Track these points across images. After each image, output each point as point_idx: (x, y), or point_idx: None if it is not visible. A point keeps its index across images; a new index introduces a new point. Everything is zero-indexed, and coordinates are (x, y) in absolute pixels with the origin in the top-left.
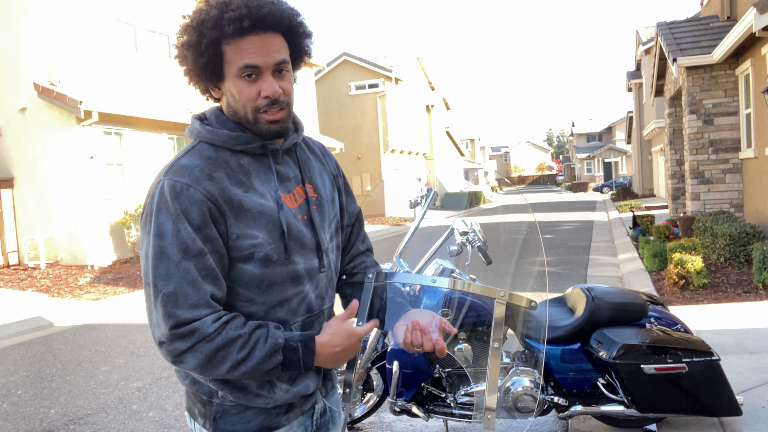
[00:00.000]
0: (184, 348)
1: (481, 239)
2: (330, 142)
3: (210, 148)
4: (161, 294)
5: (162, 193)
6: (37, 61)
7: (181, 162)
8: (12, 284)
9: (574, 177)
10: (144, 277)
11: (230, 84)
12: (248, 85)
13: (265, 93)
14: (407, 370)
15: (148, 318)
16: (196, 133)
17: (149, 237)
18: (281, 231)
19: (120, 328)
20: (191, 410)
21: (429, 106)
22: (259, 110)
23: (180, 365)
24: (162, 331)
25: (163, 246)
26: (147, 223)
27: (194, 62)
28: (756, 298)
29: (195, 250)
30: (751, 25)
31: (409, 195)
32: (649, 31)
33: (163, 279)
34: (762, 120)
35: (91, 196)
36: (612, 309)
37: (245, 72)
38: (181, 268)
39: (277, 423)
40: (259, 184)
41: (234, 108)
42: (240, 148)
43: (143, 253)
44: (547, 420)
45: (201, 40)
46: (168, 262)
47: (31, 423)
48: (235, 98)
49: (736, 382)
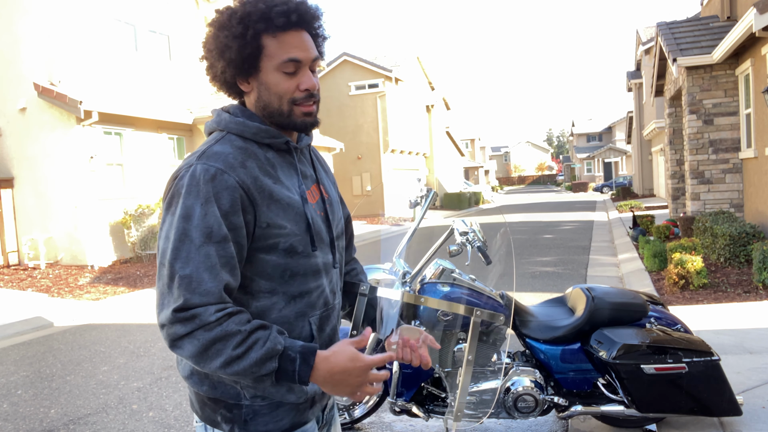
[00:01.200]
0: (183, 333)
1: (481, 239)
2: (330, 142)
3: (239, 139)
4: (177, 276)
5: (194, 175)
6: (37, 61)
7: (214, 149)
8: (12, 284)
9: (574, 177)
10: (160, 257)
11: (267, 77)
12: (287, 79)
13: (304, 86)
14: (407, 370)
15: (157, 299)
16: (224, 125)
17: (173, 218)
18: (307, 223)
19: (120, 328)
20: (211, 418)
21: (429, 106)
22: (296, 102)
23: (177, 351)
24: (166, 314)
25: (188, 228)
26: (172, 203)
27: (238, 53)
28: (756, 298)
29: (219, 236)
30: (751, 25)
31: (409, 195)
32: (649, 31)
33: (182, 261)
34: (762, 120)
35: (91, 196)
36: (612, 309)
37: (288, 66)
38: (201, 253)
39: (305, 418)
40: (284, 178)
41: (267, 101)
42: (267, 141)
43: (163, 233)
44: (547, 420)
45: (246, 32)
46: (190, 245)
47: (31, 423)
48: (270, 91)
49: (736, 382)
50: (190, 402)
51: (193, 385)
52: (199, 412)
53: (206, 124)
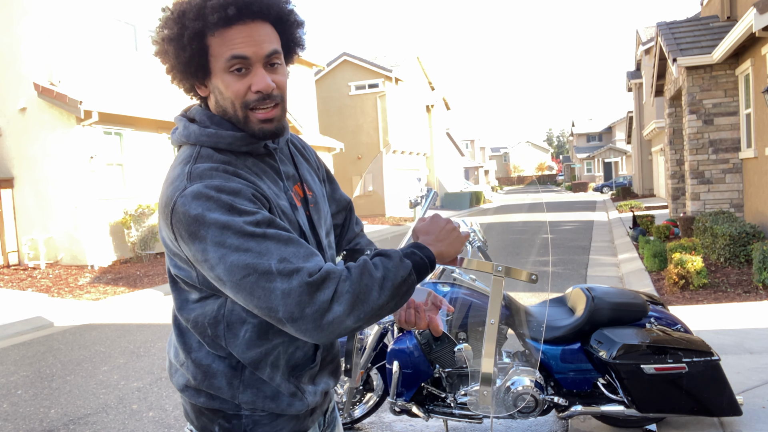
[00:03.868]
0: (329, 296)
1: (481, 239)
2: (330, 142)
3: (215, 152)
4: (268, 267)
5: (198, 197)
6: (37, 61)
7: (199, 168)
8: (12, 284)
9: (574, 177)
10: (229, 277)
11: (217, 80)
12: (237, 80)
13: (256, 87)
14: (407, 370)
15: (265, 308)
16: (194, 138)
17: (210, 244)
18: (300, 230)
19: (120, 328)
20: (207, 428)
21: (429, 106)
22: (249, 107)
23: (329, 326)
24: (295, 295)
25: (235, 233)
26: (196, 234)
27: (176, 57)
28: (756, 298)
29: (266, 220)
30: (751, 25)
31: (409, 195)
32: (649, 31)
33: (259, 257)
34: (762, 120)
35: (91, 196)
36: (612, 309)
37: (233, 65)
38: (268, 238)
39: (305, 426)
40: (272, 185)
41: (222, 106)
42: (245, 149)
43: (214, 261)
44: (547, 420)
45: (183, 33)
46: (250, 242)
47: (31, 423)
48: (222, 95)
49: (736, 382)
50: (184, 411)
51: (189, 397)
52: (195, 422)
53: (173, 135)
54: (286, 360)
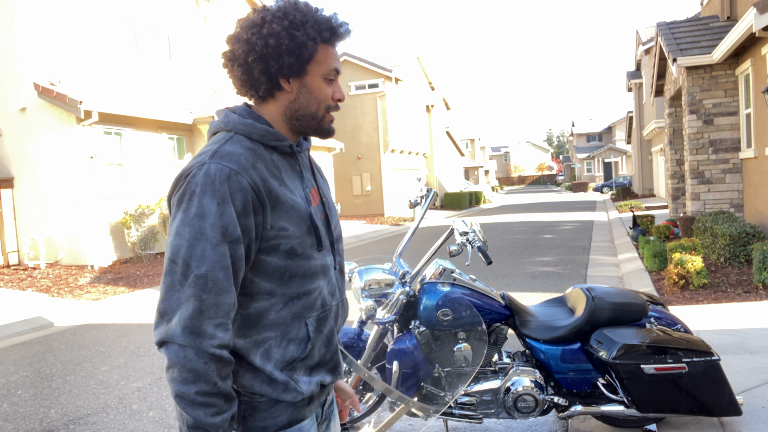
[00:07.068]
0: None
1: (481, 239)
2: (330, 142)
3: (247, 140)
4: (193, 274)
5: (208, 174)
6: (37, 61)
7: (226, 149)
8: (12, 284)
9: (574, 177)
10: (172, 253)
11: (311, 81)
12: (327, 86)
13: (338, 96)
14: (407, 370)
15: (164, 293)
16: (232, 125)
17: (186, 215)
18: (309, 226)
19: (120, 328)
20: None
21: (429, 106)
22: (329, 109)
23: (160, 346)
24: (182, 317)
25: (203, 227)
26: (186, 201)
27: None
28: (756, 298)
29: (233, 236)
30: (751, 25)
31: (409, 195)
32: (649, 31)
33: (198, 259)
34: (762, 120)
35: (91, 196)
36: (612, 309)
37: (332, 74)
38: (218, 252)
39: (302, 415)
40: (288, 181)
41: (305, 104)
42: (274, 144)
43: (174, 230)
44: (547, 420)
45: (317, 36)
46: (205, 243)
47: (31, 423)
48: (312, 95)
49: (736, 382)
50: None
51: None
52: None
53: (211, 123)
54: (280, 354)
